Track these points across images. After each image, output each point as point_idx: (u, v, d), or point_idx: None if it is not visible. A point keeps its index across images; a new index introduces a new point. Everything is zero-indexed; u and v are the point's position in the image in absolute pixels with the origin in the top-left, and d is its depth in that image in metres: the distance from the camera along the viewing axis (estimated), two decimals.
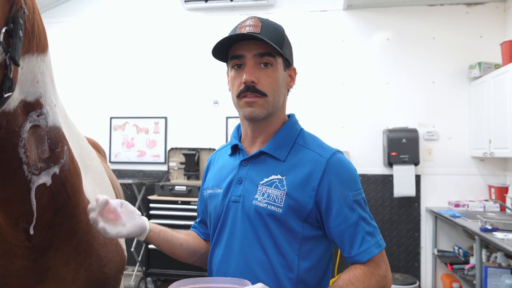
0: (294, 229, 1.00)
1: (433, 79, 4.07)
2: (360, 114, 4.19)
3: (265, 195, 1.01)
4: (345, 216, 1.00)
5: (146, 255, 3.97)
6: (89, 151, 1.18)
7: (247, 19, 1.05)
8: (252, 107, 1.02)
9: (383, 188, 4.11)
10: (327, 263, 1.07)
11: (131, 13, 4.67)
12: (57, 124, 0.92)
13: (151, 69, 4.59)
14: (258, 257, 1.01)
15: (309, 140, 1.09)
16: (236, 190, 1.06)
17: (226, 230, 1.06)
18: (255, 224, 1.01)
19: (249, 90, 1.01)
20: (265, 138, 1.09)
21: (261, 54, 1.01)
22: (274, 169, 1.04)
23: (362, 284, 0.96)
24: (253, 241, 1.01)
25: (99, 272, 1.07)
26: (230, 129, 4.41)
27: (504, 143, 3.26)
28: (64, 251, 1.00)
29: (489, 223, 2.81)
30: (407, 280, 3.69)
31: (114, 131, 4.65)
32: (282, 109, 1.11)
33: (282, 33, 1.06)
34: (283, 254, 1.00)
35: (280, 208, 0.99)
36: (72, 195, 0.96)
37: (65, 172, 0.93)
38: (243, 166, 1.08)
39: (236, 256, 1.03)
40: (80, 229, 1.01)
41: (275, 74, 1.03)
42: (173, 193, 4.00)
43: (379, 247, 1.02)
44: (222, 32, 4.76)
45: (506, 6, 3.95)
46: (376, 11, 4.20)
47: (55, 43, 4.78)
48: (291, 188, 1.00)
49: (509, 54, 3.34)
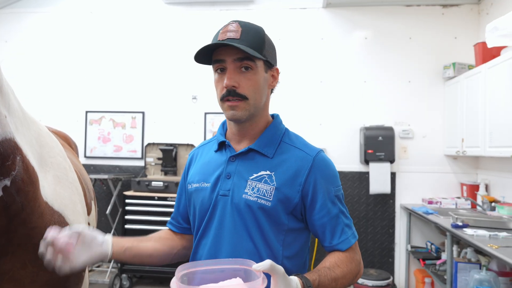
0: (281, 221, 1.09)
1: (409, 78, 4.15)
2: (338, 111, 4.23)
3: (254, 189, 1.08)
4: (328, 210, 1.10)
5: None
6: (51, 147, 1.16)
7: (229, 24, 1.09)
8: (234, 110, 1.08)
9: (359, 185, 4.17)
10: (306, 254, 1.18)
11: (108, 5, 4.58)
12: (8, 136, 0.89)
13: (129, 63, 4.52)
14: (247, 247, 1.07)
15: (294, 139, 1.18)
16: (225, 184, 1.11)
17: (214, 222, 1.11)
18: (245, 217, 1.08)
19: (231, 94, 1.07)
20: (251, 136, 1.16)
21: (240, 58, 1.06)
22: (263, 165, 1.11)
23: (346, 267, 1.07)
24: (242, 232, 1.08)
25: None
26: (209, 125, 4.38)
27: (475, 142, 3.34)
28: (21, 255, 0.99)
29: (460, 219, 2.88)
30: (381, 275, 3.76)
31: (90, 126, 4.55)
32: (265, 108, 1.18)
33: (262, 36, 1.10)
34: (269, 244, 1.08)
35: (270, 201, 1.07)
36: (26, 203, 0.95)
37: (18, 183, 0.91)
38: (231, 162, 1.14)
39: (226, 246, 1.09)
40: (36, 233, 1.00)
41: (255, 77, 1.08)
42: (150, 189, 3.95)
43: (354, 238, 1.15)
44: (201, 27, 4.73)
45: (480, 9, 4.05)
46: (355, 10, 4.24)
47: (29, 34, 4.65)
48: (280, 183, 1.08)
49: (482, 55, 3.42)
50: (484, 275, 2.52)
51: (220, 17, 4.40)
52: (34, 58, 4.62)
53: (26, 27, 4.66)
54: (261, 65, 1.10)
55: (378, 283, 3.66)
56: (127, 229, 3.91)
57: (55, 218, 1.07)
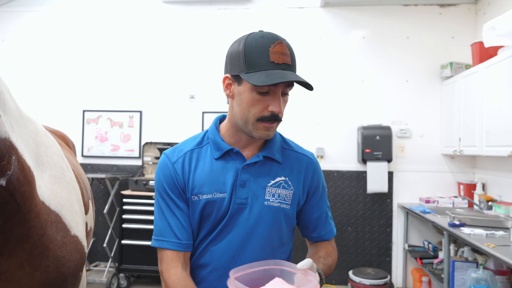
0: (294, 221, 1.22)
1: (407, 78, 4.15)
2: (336, 111, 4.24)
3: (275, 195, 1.15)
4: (321, 205, 1.25)
5: (119, 251, 3.91)
6: (48, 147, 1.15)
7: (278, 43, 1.06)
8: (269, 131, 1.11)
9: (357, 184, 4.17)
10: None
11: (106, 4, 4.56)
12: (3, 136, 0.89)
13: (126, 62, 4.51)
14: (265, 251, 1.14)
15: (291, 144, 1.27)
16: (241, 193, 1.13)
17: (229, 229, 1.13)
18: (267, 222, 1.14)
19: (275, 119, 1.09)
20: (258, 142, 1.20)
21: (288, 84, 1.08)
22: (276, 171, 1.18)
23: (334, 256, 1.24)
24: (260, 238, 1.14)
25: (56, 273, 1.05)
26: (206, 123, 4.38)
27: (473, 141, 3.36)
28: (17, 255, 0.99)
29: (457, 218, 2.89)
30: (378, 274, 3.77)
31: (87, 125, 4.54)
32: None
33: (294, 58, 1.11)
34: (283, 243, 1.20)
35: (289, 205, 1.17)
36: (22, 203, 0.95)
37: (13, 183, 0.91)
38: (244, 170, 1.15)
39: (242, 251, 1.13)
40: (33, 233, 1.00)
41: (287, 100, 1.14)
42: (147, 188, 3.94)
43: (335, 228, 1.31)
44: (199, 26, 4.70)
45: (477, 8, 4.06)
46: (353, 9, 4.24)
47: (26, 32, 4.63)
48: (296, 187, 1.18)
49: (479, 55, 3.43)
50: (481, 274, 2.53)
51: (218, 16, 4.39)
52: (30, 57, 4.60)
53: (22, 26, 4.64)
54: None
55: (375, 282, 3.67)
56: (125, 228, 3.90)
57: (51, 218, 1.06)
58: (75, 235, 1.15)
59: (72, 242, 1.12)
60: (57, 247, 1.06)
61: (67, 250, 1.09)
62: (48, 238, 1.04)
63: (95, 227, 4.30)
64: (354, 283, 3.73)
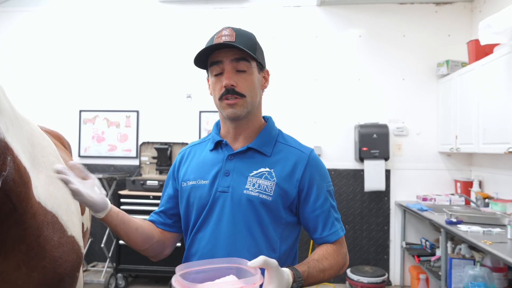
0: (280, 215, 1.16)
1: (403, 76, 4.16)
2: (333, 109, 4.24)
3: (255, 185, 1.14)
4: (321, 203, 1.18)
5: (116, 251, 3.90)
6: (43, 147, 1.15)
7: (222, 29, 1.16)
8: (233, 108, 1.14)
9: (354, 182, 4.18)
10: (296, 247, 1.25)
11: (101, 4, 4.55)
12: None
13: (123, 62, 4.49)
14: (246, 240, 1.12)
15: (288, 139, 1.26)
16: (223, 181, 1.16)
17: (212, 218, 1.16)
18: (245, 212, 1.13)
19: (229, 92, 1.13)
20: (246, 135, 1.22)
21: (237, 59, 1.13)
22: (262, 163, 1.18)
23: (333, 259, 1.15)
24: (242, 228, 1.13)
25: (53, 273, 1.05)
26: (203, 123, 4.37)
27: (469, 139, 3.36)
28: (14, 257, 0.99)
29: (454, 216, 2.90)
30: (376, 272, 3.78)
31: (83, 125, 4.53)
32: (259, 108, 1.25)
33: (254, 40, 1.18)
34: (269, 238, 1.14)
35: (270, 196, 1.13)
36: (18, 203, 0.94)
37: (9, 184, 0.91)
38: (230, 160, 1.19)
39: (224, 240, 1.13)
40: (29, 234, 0.99)
41: (251, 77, 1.16)
42: (145, 188, 3.94)
43: (343, 231, 1.22)
44: (195, 25, 4.70)
45: (473, 6, 4.07)
46: (349, 8, 4.24)
47: (21, 32, 4.60)
48: (280, 179, 1.15)
49: (475, 53, 3.44)
50: (478, 271, 2.54)
51: (214, 15, 4.38)
52: (26, 57, 4.58)
53: (17, 26, 4.61)
54: (255, 66, 1.17)
55: (373, 280, 3.68)
56: None
57: (48, 218, 1.06)
58: (72, 235, 1.15)
59: (69, 242, 1.11)
60: (53, 247, 1.06)
61: (63, 250, 1.08)
62: (45, 238, 1.03)
63: (93, 227, 4.29)
64: (352, 281, 3.74)
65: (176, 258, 1.41)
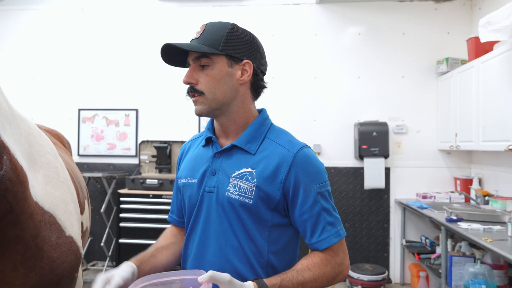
0: (264, 218, 1.08)
1: (403, 73, 4.15)
2: (332, 107, 4.23)
3: (236, 187, 1.08)
4: (309, 207, 1.08)
5: (116, 250, 3.90)
6: (41, 146, 1.14)
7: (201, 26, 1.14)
8: (195, 105, 1.12)
9: (354, 180, 4.17)
10: (294, 249, 1.17)
11: (100, 2, 4.53)
12: None
13: (122, 60, 4.48)
14: (232, 243, 1.08)
15: (278, 135, 1.16)
16: (210, 181, 1.13)
17: (201, 218, 1.13)
18: (228, 214, 1.09)
19: (189, 90, 1.13)
20: (234, 132, 1.16)
21: (197, 57, 1.10)
22: (245, 162, 1.10)
23: (318, 270, 1.05)
24: (227, 229, 1.09)
25: (51, 274, 1.04)
26: (203, 121, 4.36)
27: (469, 137, 3.36)
28: (10, 257, 0.98)
29: (454, 213, 2.90)
30: (376, 270, 3.78)
31: (82, 124, 4.52)
32: (243, 104, 1.15)
33: (224, 31, 1.10)
34: (254, 241, 1.08)
35: (251, 199, 1.07)
36: (15, 203, 0.93)
37: (5, 183, 0.89)
38: (217, 158, 1.14)
39: (212, 242, 1.10)
40: (27, 234, 0.99)
41: (212, 72, 1.09)
42: (144, 187, 3.93)
43: (338, 237, 1.09)
44: (194, 23, 4.68)
45: (473, 4, 4.06)
46: (348, 6, 4.23)
47: (20, 31, 4.59)
48: (261, 181, 1.07)
49: (474, 50, 3.43)
50: (478, 268, 2.54)
51: (214, 13, 4.37)
52: (25, 56, 4.57)
53: (17, 25, 4.60)
54: (220, 61, 1.09)
55: (373, 277, 3.68)
56: (122, 227, 3.89)
57: (45, 218, 1.05)
58: (70, 235, 1.14)
59: (67, 243, 1.10)
60: (51, 248, 1.05)
61: (61, 251, 1.08)
62: (42, 239, 1.03)
63: (92, 226, 4.28)
64: (352, 279, 3.74)
65: None
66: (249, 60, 1.12)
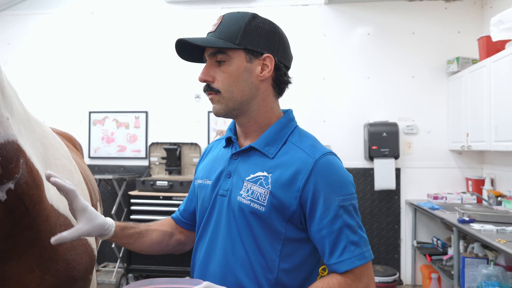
0: (277, 229, 0.97)
1: (413, 73, 4.12)
2: (342, 108, 4.21)
3: (249, 191, 0.98)
4: (329, 222, 0.94)
5: (127, 251, 3.92)
6: (55, 149, 1.15)
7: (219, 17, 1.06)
8: (212, 104, 1.04)
9: (364, 181, 4.15)
10: (312, 267, 1.04)
11: (109, 6, 4.57)
12: (11, 139, 0.87)
13: (131, 63, 4.51)
14: (239, 254, 0.98)
15: (301, 139, 1.06)
16: (225, 183, 1.04)
17: (212, 223, 1.05)
18: (238, 221, 0.99)
19: (206, 89, 1.04)
20: (255, 133, 1.06)
21: (212, 53, 1.02)
22: (261, 165, 1.01)
23: None
24: (236, 238, 0.99)
25: (66, 276, 1.05)
26: (212, 123, 4.38)
27: (480, 137, 3.32)
28: (27, 259, 0.98)
29: (467, 214, 2.86)
30: (387, 271, 3.75)
31: (93, 126, 4.56)
32: (264, 102, 1.06)
33: (241, 24, 1.02)
34: (263, 254, 0.97)
35: (263, 206, 0.96)
36: (31, 206, 0.94)
37: (22, 186, 0.90)
38: (234, 159, 1.06)
39: (219, 251, 1.01)
40: (42, 237, 0.99)
41: (229, 69, 1.00)
42: (155, 189, 3.95)
43: (363, 259, 0.94)
44: (203, 25, 4.70)
45: (483, 2, 4.02)
46: (357, 6, 4.21)
47: (31, 35, 4.65)
48: (275, 187, 0.97)
49: (486, 49, 3.40)
50: (492, 270, 2.51)
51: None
52: (36, 59, 4.63)
53: (28, 29, 4.66)
54: (238, 56, 1.00)
55: (384, 279, 3.65)
56: None
57: (60, 221, 1.06)
58: (84, 238, 1.15)
59: (82, 245, 1.11)
60: (66, 250, 1.06)
61: (76, 253, 1.09)
62: None
63: None
64: None
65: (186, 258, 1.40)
66: (270, 54, 1.03)
